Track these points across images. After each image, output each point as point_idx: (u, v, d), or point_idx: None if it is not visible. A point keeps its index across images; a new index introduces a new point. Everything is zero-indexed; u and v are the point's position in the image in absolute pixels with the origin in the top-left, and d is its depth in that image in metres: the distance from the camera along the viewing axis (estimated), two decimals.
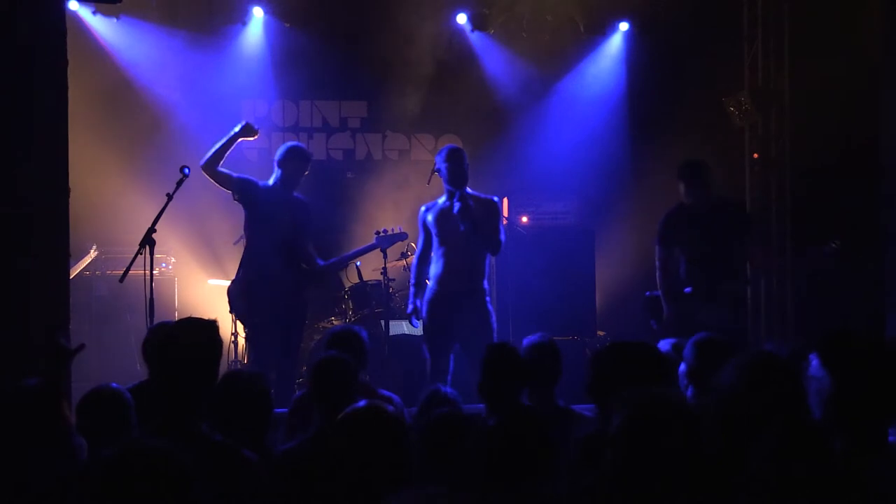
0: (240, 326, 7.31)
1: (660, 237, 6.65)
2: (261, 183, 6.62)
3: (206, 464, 2.16)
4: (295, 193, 6.64)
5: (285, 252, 6.51)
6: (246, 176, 6.61)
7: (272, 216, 6.48)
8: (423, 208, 6.52)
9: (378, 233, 7.03)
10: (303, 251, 6.67)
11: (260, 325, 6.53)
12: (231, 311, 6.68)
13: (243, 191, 6.53)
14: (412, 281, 6.52)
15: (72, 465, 3.05)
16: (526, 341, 4.31)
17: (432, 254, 6.47)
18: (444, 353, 6.31)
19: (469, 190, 6.36)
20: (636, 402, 2.31)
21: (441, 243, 6.36)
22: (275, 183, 6.60)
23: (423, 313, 6.42)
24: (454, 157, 6.31)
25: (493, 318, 6.42)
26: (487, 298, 6.39)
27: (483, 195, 6.49)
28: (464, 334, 6.25)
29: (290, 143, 6.84)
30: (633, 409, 2.29)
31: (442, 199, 6.41)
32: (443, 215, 6.34)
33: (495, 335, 6.41)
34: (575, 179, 9.14)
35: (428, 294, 6.41)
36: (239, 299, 6.59)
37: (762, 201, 9.48)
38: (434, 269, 6.41)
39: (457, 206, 6.20)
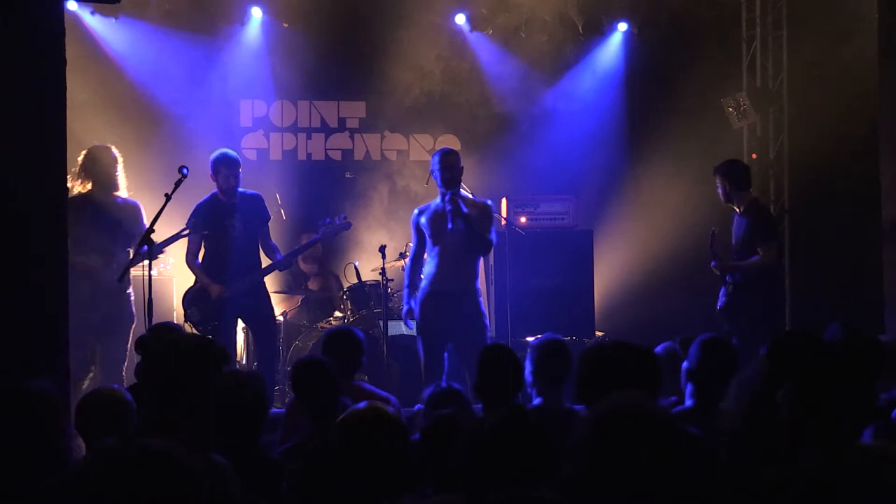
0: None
1: None
2: (202, 202, 6.82)
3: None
4: (242, 191, 6.76)
5: (239, 259, 6.63)
6: (193, 218, 6.76)
7: (220, 228, 6.65)
8: (416, 211, 6.59)
9: (322, 223, 7.09)
10: (263, 246, 6.84)
11: (214, 332, 6.65)
12: (186, 320, 6.78)
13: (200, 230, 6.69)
14: (406, 283, 6.59)
15: (70, 466, 3.05)
16: (534, 341, 4.30)
17: (426, 255, 6.52)
18: (437, 352, 6.36)
19: (463, 192, 6.42)
20: (603, 408, 2.25)
21: (434, 244, 6.42)
22: (214, 193, 6.74)
23: (417, 313, 6.47)
24: (448, 159, 6.37)
25: (487, 319, 6.51)
26: (480, 299, 6.44)
27: (477, 198, 6.57)
28: (457, 334, 6.31)
29: (217, 152, 6.91)
30: (597, 415, 2.24)
31: (436, 201, 6.46)
32: (436, 217, 6.39)
33: (489, 335, 6.46)
34: (573, 180, 9.14)
35: (421, 294, 6.47)
36: (192, 307, 6.79)
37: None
38: (427, 269, 6.47)
39: (448, 206, 6.25)
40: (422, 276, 6.52)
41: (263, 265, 6.88)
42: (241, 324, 7.23)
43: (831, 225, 8.93)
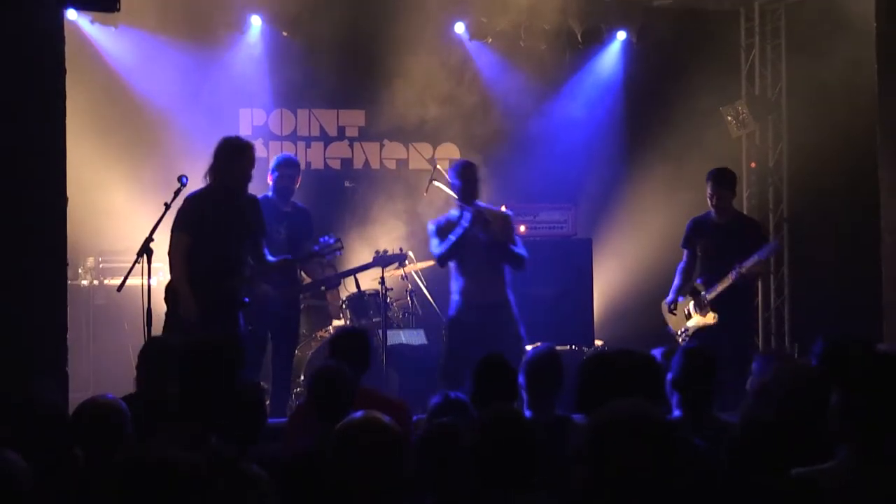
0: None
1: (683, 239, 7.00)
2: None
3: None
4: (296, 202, 6.64)
5: (280, 269, 6.48)
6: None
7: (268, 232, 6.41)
8: (432, 225, 6.50)
9: (378, 252, 7.02)
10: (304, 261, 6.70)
11: (248, 336, 6.52)
12: None
13: None
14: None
15: (70, 474, 3.05)
16: (530, 352, 4.30)
17: (451, 268, 6.44)
18: (460, 360, 6.12)
19: (481, 203, 6.36)
20: (605, 415, 2.24)
21: (460, 260, 6.34)
22: (269, 197, 6.58)
23: (450, 326, 6.39)
24: (467, 172, 6.33)
25: (522, 328, 6.44)
26: (515, 310, 6.37)
27: (496, 209, 6.49)
28: (490, 346, 6.21)
29: (281, 155, 6.84)
30: (599, 423, 2.22)
31: (452, 214, 6.39)
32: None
33: (525, 345, 6.36)
34: (573, 189, 9.15)
35: (455, 305, 6.41)
36: None
37: (760, 210, 9.50)
38: (457, 283, 6.40)
39: (474, 223, 6.18)
40: (452, 291, 6.45)
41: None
42: None
43: (830, 233, 8.94)
